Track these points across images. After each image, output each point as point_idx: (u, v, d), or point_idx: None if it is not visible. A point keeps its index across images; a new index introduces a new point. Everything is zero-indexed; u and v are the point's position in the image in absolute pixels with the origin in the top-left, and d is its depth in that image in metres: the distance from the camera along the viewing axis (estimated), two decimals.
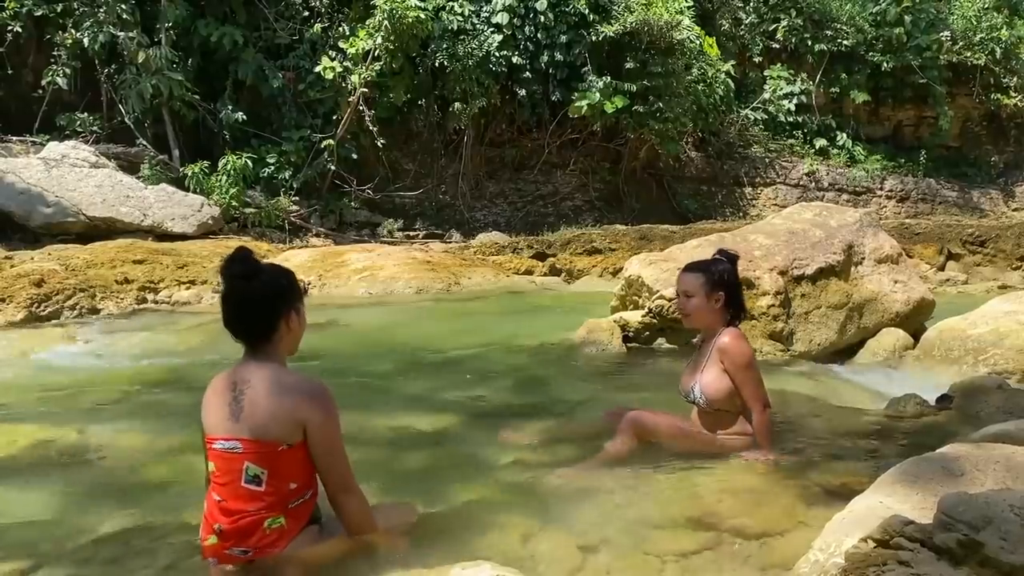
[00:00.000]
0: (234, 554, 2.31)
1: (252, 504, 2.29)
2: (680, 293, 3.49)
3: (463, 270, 10.32)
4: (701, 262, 3.56)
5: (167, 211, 11.48)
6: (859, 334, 5.82)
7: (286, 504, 2.33)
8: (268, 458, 2.29)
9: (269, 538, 2.30)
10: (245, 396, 2.32)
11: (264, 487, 2.29)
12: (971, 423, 3.52)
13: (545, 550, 2.53)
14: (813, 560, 2.10)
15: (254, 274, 2.38)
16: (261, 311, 2.37)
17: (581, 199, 16.13)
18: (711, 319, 3.44)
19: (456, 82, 14.00)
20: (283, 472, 2.31)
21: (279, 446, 2.30)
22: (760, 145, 17.33)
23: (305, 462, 2.35)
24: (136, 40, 12.27)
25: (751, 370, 3.33)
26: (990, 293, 9.27)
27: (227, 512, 2.30)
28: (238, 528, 2.29)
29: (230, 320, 2.40)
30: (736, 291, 3.46)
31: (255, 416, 2.29)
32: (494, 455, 3.51)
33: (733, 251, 3.62)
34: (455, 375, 5.34)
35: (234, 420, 2.31)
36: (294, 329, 2.45)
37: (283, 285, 2.43)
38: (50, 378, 5.13)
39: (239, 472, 2.29)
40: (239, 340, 2.42)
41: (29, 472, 3.35)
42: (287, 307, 2.41)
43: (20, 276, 7.38)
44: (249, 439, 2.29)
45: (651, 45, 14.45)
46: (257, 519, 2.29)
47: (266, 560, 2.32)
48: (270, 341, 2.40)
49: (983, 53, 17.34)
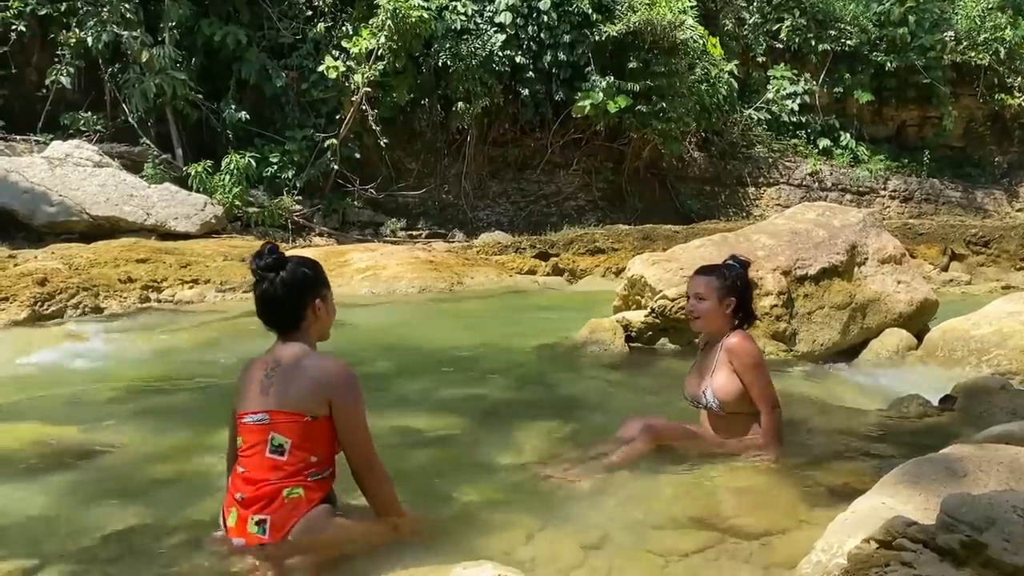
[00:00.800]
0: (252, 530, 2.40)
1: (274, 473, 2.42)
2: (692, 295, 3.46)
3: (466, 270, 10.33)
4: (715, 266, 3.54)
5: (170, 210, 11.50)
6: (862, 334, 5.82)
7: (305, 476, 2.44)
8: (292, 428, 2.43)
9: (287, 507, 2.40)
10: (276, 373, 2.48)
11: (287, 456, 2.42)
12: (974, 424, 3.51)
13: (547, 550, 2.53)
14: (815, 561, 2.09)
15: (279, 267, 2.51)
16: (287, 302, 2.51)
17: (584, 199, 16.13)
18: (720, 323, 3.41)
19: (459, 82, 14.00)
20: (306, 443, 2.43)
21: (304, 417, 2.43)
22: (763, 145, 17.32)
23: (327, 438, 2.47)
24: (140, 39, 12.30)
25: (759, 369, 3.31)
26: (993, 294, 9.25)
27: (250, 481, 2.44)
28: (259, 495, 2.41)
29: (260, 312, 2.56)
30: (747, 297, 3.44)
31: (283, 390, 2.44)
32: (496, 455, 3.51)
33: (744, 257, 3.61)
34: (457, 374, 5.34)
35: (264, 395, 2.47)
36: (321, 317, 2.58)
37: (307, 275, 2.55)
38: (53, 377, 5.14)
39: (265, 443, 2.43)
40: (271, 329, 2.58)
41: (32, 471, 3.35)
42: (311, 297, 2.54)
43: (24, 275, 7.39)
44: (276, 410, 2.44)
45: (654, 45, 14.45)
46: (277, 487, 2.41)
47: (280, 546, 2.39)
48: (299, 329, 2.54)
49: (987, 53, 17.32)
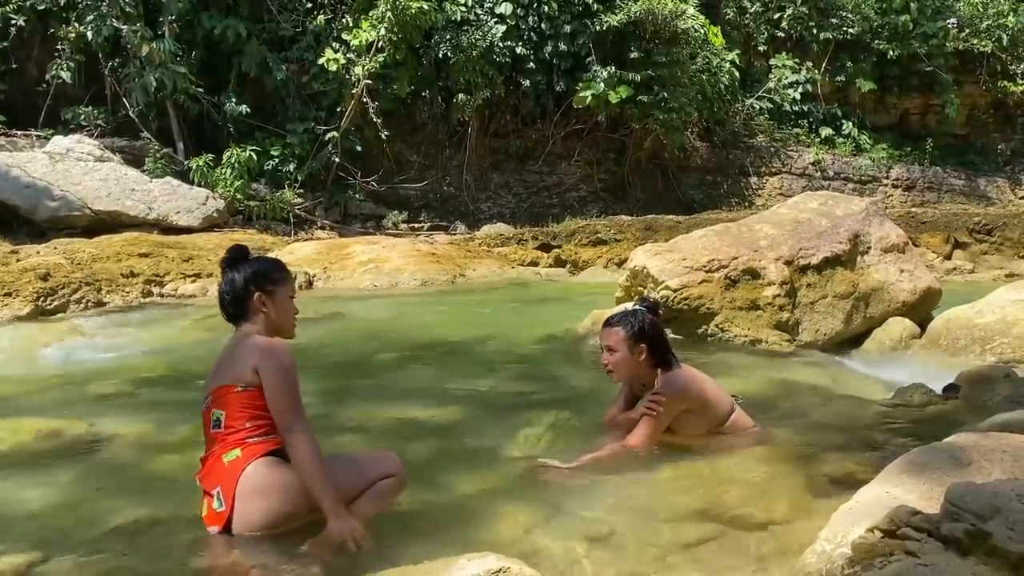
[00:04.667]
0: (216, 508, 2.51)
1: (215, 446, 2.57)
2: (603, 348, 3.46)
3: (468, 262, 10.33)
4: (622, 315, 3.52)
5: (172, 204, 11.50)
6: (865, 324, 5.81)
7: (242, 439, 2.54)
8: (226, 400, 2.57)
9: (228, 470, 2.50)
10: (220, 358, 2.67)
11: (223, 428, 2.56)
12: (978, 412, 3.51)
13: (550, 541, 2.53)
14: (820, 550, 2.09)
15: (232, 264, 2.72)
16: (230, 293, 2.70)
17: (586, 190, 16.10)
18: (638, 371, 3.43)
19: (460, 73, 13.96)
20: (239, 412, 2.55)
21: (234, 388, 2.56)
22: (765, 134, 17.25)
23: (257, 407, 2.56)
24: (140, 33, 12.26)
25: (656, 415, 3.30)
26: (997, 282, 9.23)
27: (202, 461, 2.61)
28: (207, 470, 2.57)
29: (219, 303, 2.75)
30: (659, 341, 3.43)
31: (222, 368, 2.63)
32: (500, 446, 3.51)
33: (653, 300, 3.68)
34: (460, 366, 5.34)
35: (210, 380, 2.65)
36: (267, 312, 2.69)
37: (252, 270, 2.70)
38: (56, 371, 5.15)
39: (209, 421, 2.60)
40: (227, 321, 2.75)
41: (37, 465, 3.36)
42: (253, 288, 2.68)
43: (26, 270, 7.40)
44: (214, 387, 2.61)
45: (655, 35, 14.40)
46: (217, 455, 2.54)
47: (252, 533, 2.47)
48: (245, 319, 2.69)
49: (990, 40, 17.21)
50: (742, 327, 5.32)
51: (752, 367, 4.80)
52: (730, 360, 4.86)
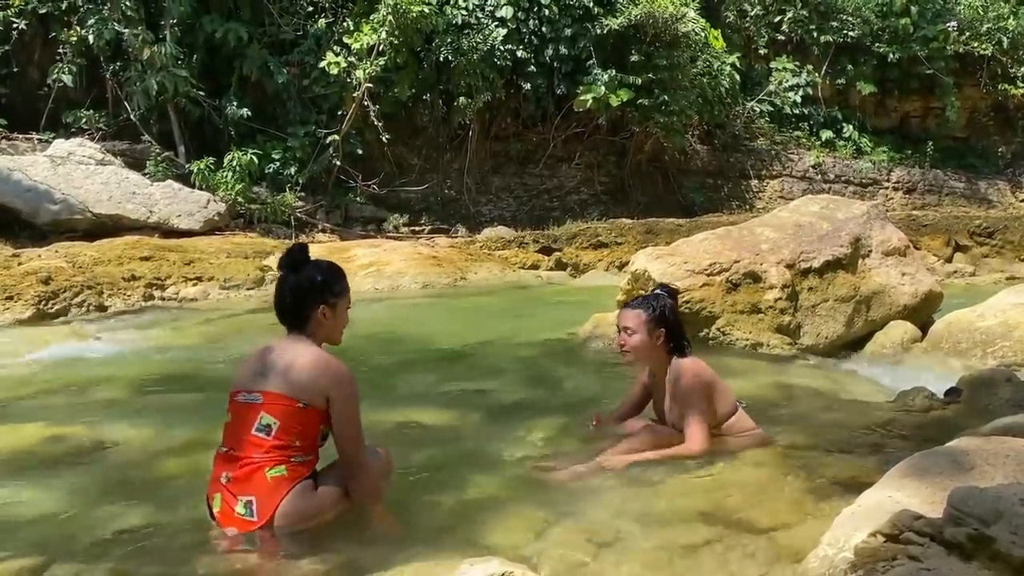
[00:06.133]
0: (240, 513, 2.50)
1: (257, 452, 2.53)
2: (621, 329, 3.49)
3: (469, 265, 10.33)
4: (643, 298, 3.61)
5: (173, 207, 11.51)
6: (867, 327, 5.81)
7: (288, 457, 2.54)
8: (284, 411, 2.54)
9: (270, 486, 2.51)
10: (277, 359, 2.60)
11: (272, 437, 2.53)
12: (980, 416, 3.50)
13: (554, 545, 2.53)
14: (822, 555, 2.09)
15: (295, 267, 2.68)
16: (292, 302, 2.67)
17: (587, 193, 16.10)
18: (653, 356, 3.46)
19: (461, 76, 13.97)
20: (293, 427, 2.54)
21: (297, 403, 2.55)
22: (766, 137, 17.26)
23: (314, 427, 2.59)
24: (141, 37, 12.27)
25: (698, 405, 3.31)
26: (998, 285, 9.24)
27: (234, 459, 2.55)
28: (243, 474, 2.52)
29: (275, 304, 2.71)
30: (677, 327, 3.48)
31: (281, 374, 2.57)
32: (502, 450, 3.52)
33: (674, 286, 3.68)
34: (462, 370, 5.34)
35: (261, 376, 2.59)
36: (326, 323, 2.69)
37: (316, 282, 2.67)
38: (59, 375, 5.15)
39: (253, 422, 2.54)
40: (281, 323, 2.72)
41: (39, 469, 3.36)
42: (318, 302, 2.66)
43: (28, 274, 7.41)
44: (270, 391, 2.56)
45: (656, 38, 14.41)
46: (259, 466, 2.51)
47: (272, 530, 2.49)
48: (304, 329, 2.67)
49: (990, 43, 17.21)
50: (743, 330, 5.33)
51: (753, 370, 4.80)
52: (731, 363, 4.86)
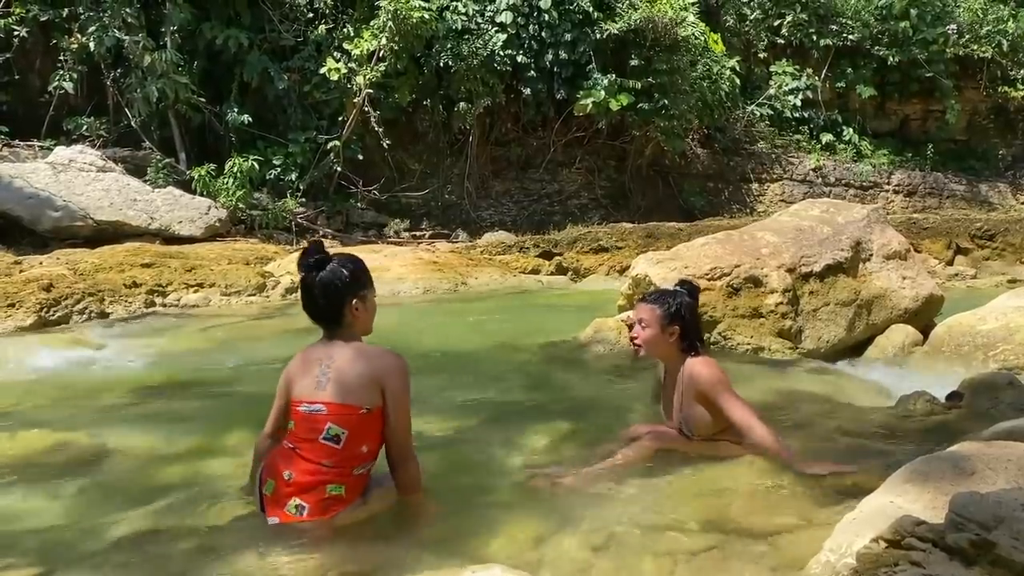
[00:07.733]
0: (290, 511, 2.58)
1: (327, 458, 2.60)
2: (636, 321, 3.44)
3: (470, 270, 10.34)
4: (661, 293, 3.52)
5: (174, 214, 11.52)
6: (868, 331, 5.80)
7: (351, 470, 2.62)
8: (349, 420, 2.61)
9: (326, 503, 2.59)
10: (331, 368, 2.65)
11: (342, 445, 2.60)
12: (982, 420, 3.49)
13: (555, 552, 2.52)
14: (824, 560, 2.09)
15: (319, 267, 2.68)
16: (325, 302, 2.69)
17: (587, 197, 16.11)
18: (665, 351, 3.40)
19: (461, 82, 14.00)
20: (361, 434, 2.62)
21: (360, 409, 2.62)
22: (766, 141, 17.27)
23: (378, 429, 2.66)
24: (142, 44, 12.30)
25: (727, 393, 3.25)
26: (999, 288, 9.22)
27: (303, 460, 2.61)
28: (305, 482, 2.59)
29: (305, 306, 2.74)
30: (693, 325, 3.40)
31: (340, 383, 2.62)
32: (502, 456, 3.51)
33: (695, 282, 3.60)
34: (462, 375, 5.34)
35: (321, 388, 2.64)
36: (359, 315, 2.74)
37: (344, 278, 2.69)
38: (60, 382, 5.15)
39: (320, 431, 2.61)
40: (316, 323, 2.75)
41: (40, 476, 3.36)
42: (349, 297, 2.69)
43: (29, 281, 7.41)
44: (334, 403, 2.62)
45: (656, 42, 14.43)
46: (322, 480, 2.59)
47: (312, 524, 2.56)
48: (340, 325, 2.71)
49: (990, 46, 17.23)
50: (745, 335, 5.32)
51: (755, 375, 4.79)
52: (733, 368, 4.81)
